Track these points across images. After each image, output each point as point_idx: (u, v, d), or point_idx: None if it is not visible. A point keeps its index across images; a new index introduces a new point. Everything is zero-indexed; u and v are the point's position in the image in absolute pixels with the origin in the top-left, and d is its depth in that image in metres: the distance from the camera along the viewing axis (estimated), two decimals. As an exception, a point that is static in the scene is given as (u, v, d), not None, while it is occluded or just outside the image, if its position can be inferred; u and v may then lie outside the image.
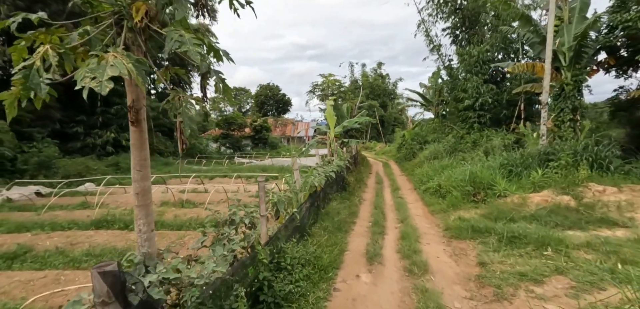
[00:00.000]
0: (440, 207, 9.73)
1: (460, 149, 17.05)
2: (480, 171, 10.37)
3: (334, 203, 9.40)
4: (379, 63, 64.08)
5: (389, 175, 19.63)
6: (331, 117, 14.13)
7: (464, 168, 11.90)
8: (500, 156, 11.91)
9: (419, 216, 9.53)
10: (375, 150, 44.01)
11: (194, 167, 24.50)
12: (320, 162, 12.48)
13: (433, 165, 15.64)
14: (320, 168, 9.06)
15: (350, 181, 13.29)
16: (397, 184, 15.83)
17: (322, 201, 8.95)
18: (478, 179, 9.89)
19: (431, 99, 28.36)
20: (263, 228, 4.25)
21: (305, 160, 23.50)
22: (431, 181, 12.75)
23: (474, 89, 18.23)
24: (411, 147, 24.15)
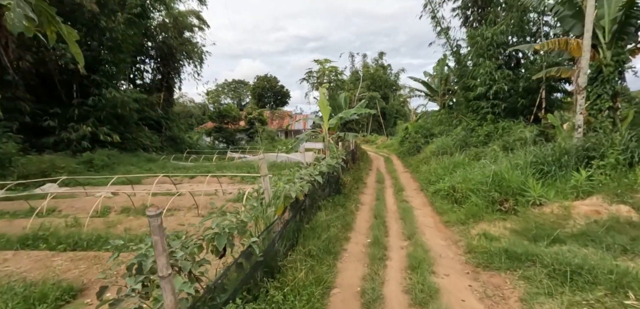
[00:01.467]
0: (457, 217, 7.81)
1: (472, 143, 15.09)
2: (507, 171, 8.41)
3: (323, 214, 7.50)
4: (380, 53, 62.08)
5: (391, 172, 17.71)
6: (324, 107, 12.21)
7: (484, 167, 9.94)
8: (527, 152, 9.93)
9: (429, 228, 7.62)
10: (376, 143, 42.03)
11: (181, 164, 22.64)
12: (316, 159, 10.62)
13: (442, 161, 13.70)
14: (305, 170, 7.14)
15: (347, 181, 11.39)
16: (401, 183, 13.92)
17: (307, 212, 7.06)
18: (505, 182, 7.94)
19: (437, 89, 26.32)
20: (167, 299, 2.32)
21: (298, 157, 21.61)
22: (441, 182, 10.84)
23: (487, 75, 16.22)
24: (415, 141, 22.17)
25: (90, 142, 20.71)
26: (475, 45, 17.23)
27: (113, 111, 21.23)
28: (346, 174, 12.62)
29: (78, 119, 21.13)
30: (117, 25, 20.80)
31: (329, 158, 8.91)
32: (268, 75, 63.75)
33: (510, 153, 12.16)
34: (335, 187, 10.38)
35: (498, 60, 16.75)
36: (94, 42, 21.03)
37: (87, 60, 22.33)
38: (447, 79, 25.59)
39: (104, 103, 20.86)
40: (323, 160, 8.75)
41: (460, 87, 19.80)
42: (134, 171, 17.37)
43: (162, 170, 18.49)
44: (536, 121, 14.96)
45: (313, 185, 6.92)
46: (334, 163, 8.84)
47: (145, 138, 24.67)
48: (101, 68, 21.39)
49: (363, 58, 61.46)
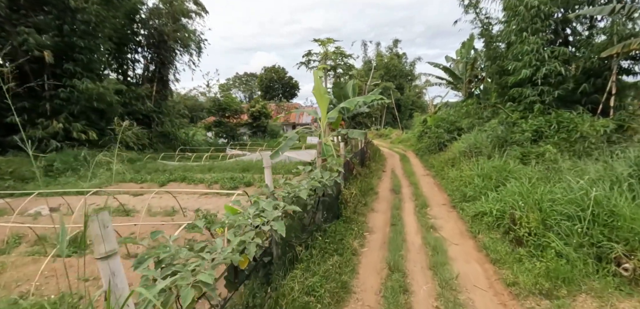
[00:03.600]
0: (532, 278, 4.52)
1: (515, 141, 11.66)
2: (609, 198, 5.07)
3: (299, 272, 4.42)
4: (395, 40, 58.33)
5: (409, 175, 14.47)
6: (321, 97, 9.11)
7: (559, 182, 6.62)
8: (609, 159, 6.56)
9: (484, 295, 4.44)
10: (390, 138, 38.61)
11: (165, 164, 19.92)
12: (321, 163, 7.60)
13: (478, 165, 10.36)
14: (282, 196, 4.17)
15: (350, 196, 8.27)
16: (423, 194, 10.70)
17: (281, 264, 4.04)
18: (614, 218, 4.63)
19: (461, 75, 22.73)
20: None
21: (302, 155, 18.55)
22: (485, 200, 7.61)
23: (533, 54, 12.70)
24: (437, 136, 18.76)
25: (65, 139, 18.21)
26: (516, 18, 13.68)
27: (88, 104, 18.62)
28: (351, 184, 9.50)
29: (51, 114, 18.64)
30: (90, 5, 18.07)
31: (318, 171, 5.81)
32: (276, 66, 60.79)
33: (580, 159, 8.80)
34: (333, 209, 7.29)
35: (546, 35, 13.19)
36: (66, 26, 18.38)
37: (59, 46, 19.90)
38: (474, 64, 21.97)
39: (77, 95, 18.26)
40: (311, 172, 5.67)
41: (493, 71, 16.26)
42: (102, 175, 14.68)
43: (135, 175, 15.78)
44: (603, 113, 11.44)
45: (295, 216, 3.93)
46: (327, 180, 5.74)
47: (131, 135, 22.04)
48: (74, 56, 18.77)
49: (376, 46, 57.86)
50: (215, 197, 10.69)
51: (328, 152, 7.82)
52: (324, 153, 7.77)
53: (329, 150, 7.84)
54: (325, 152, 7.77)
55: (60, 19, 18.54)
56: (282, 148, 8.66)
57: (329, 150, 7.83)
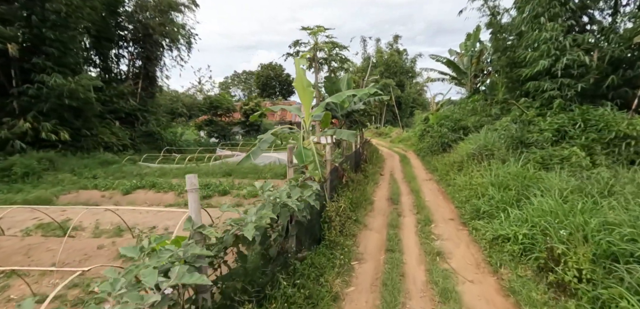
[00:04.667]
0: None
1: (533, 142, 10.05)
2: None
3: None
4: (395, 36, 56.40)
5: (409, 179, 12.88)
6: (303, 90, 7.51)
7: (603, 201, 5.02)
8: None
9: None
10: (390, 136, 37.03)
11: (151, 166, 18.38)
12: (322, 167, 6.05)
13: (490, 172, 8.76)
14: None
15: (337, 211, 6.70)
16: (426, 205, 9.11)
17: None
18: None
19: (465, 69, 21.10)
20: None
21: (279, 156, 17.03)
22: (506, 220, 6.03)
23: (552, 43, 11.10)
24: (440, 136, 17.16)
25: (34, 141, 16.66)
26: (530, 2, 12.07)
27: (59, 102, 17.04)
28: (340, 194, 7.93)
29: (19, 113, 17.10)
30: (60, -6, 16.51)
31: (284, 189, 4.22)
32: (273, 63, 59.21)
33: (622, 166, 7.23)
34: (313, 232, 5.72)
35: (565, 21, 11.56)
36: (34, 17, 16.79)
37: (27, 39, 18.39)
38: (479, 57, 20.33)
39: (46, 92, 16.69)
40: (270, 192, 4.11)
41: (503, 64, 14.62)
42: (65, 181, 13.11)
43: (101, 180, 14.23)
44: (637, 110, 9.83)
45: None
46: (297, 200, 4.15)
47: (110, 135, 20.49)
48: (45, 49, 17.19)
49: (376, 42, 56.18)
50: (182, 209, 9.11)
51: (308, 158, 6.23)
52: (303, 159, 6.20)
53: (309, 156, 6.25)
54: (303, 158, 6.18)
55: (28, 8, 16.96)
56: (254, 153, 7.08)
57: (309, 156, 6.24)
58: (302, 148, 6.36)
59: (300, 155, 6.29)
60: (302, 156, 6.28)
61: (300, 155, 6.28)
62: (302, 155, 6.28)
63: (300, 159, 6.27)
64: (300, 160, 6.26)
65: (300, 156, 6.27)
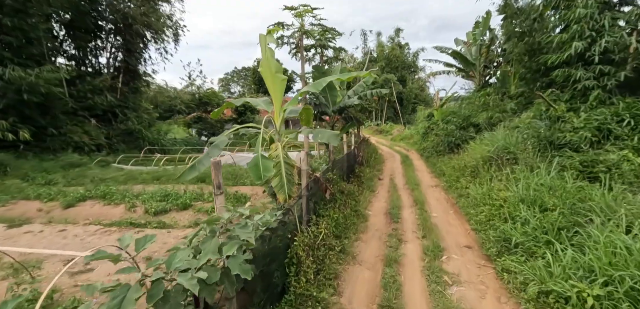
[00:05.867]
0: None
1: (566, 143, 8.07)
2: None
3: None
4: (397, 29, 54.19)
5: (412, 186, 10.94)
6: (272, 77, 5.58)
7: None
8: None
9: None
10: (391, 134, 34.99)
11: (126, 168, 16.51)
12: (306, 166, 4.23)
13: (520, 183, 6.81)
14: None
15: (310, 246, 4.80)
16: (434, 223, 7.17)
17: None
18: None
19: (474, 60, 19.07)
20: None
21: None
22: (563, 272, 4.06)
23: (587, 22, 9.12)
24: (447, 134, 15.19)
25: None
26: (557, -26, 10.10)
27: (19, 97, 15.15)
28: (322, 217, 6.02)
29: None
30: (15, -25, 14.59)
31: (189, 237, 2.34)
32: (270, 58, 56.93)
33: None
34: (271, 284, 3.81)
35: (600, 0, 9.55)
36: (-11, 2, 14.91)
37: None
38: (489, 46, 18.32)
39: (3, 86, 14.80)
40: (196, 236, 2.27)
41: (520, 51, 12.62)
42: (11, 188, 11.22)
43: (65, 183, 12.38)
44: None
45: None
46: (214, 262, 2.27)
47: (82, 134, 18.60)
48: (1, 38, 15.30)
49: (377, 36, 54.07)
50: (129, 228, 7.20)
51: (267, 170, 4.31)
52: (261, 173, 4.27)
53: (268, 168, 4.32)
54: (261, 171, 4.25)
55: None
56: (200, 161, 5.15)
57: (268, 168, 4.32)
58: (261, 157, 4.42)
59: (256, 167, 4.35)
60: (260, 168, 4.34)
61: (256, 167, 4.34)
62: (259, 167, 4.35)
63: (257, 172, 4.33)
64: (257, 174, 4.32)
65: (256, 169, 4.34)
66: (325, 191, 6.42)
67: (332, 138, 5.32)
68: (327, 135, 5.44)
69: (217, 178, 2.93)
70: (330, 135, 5.42)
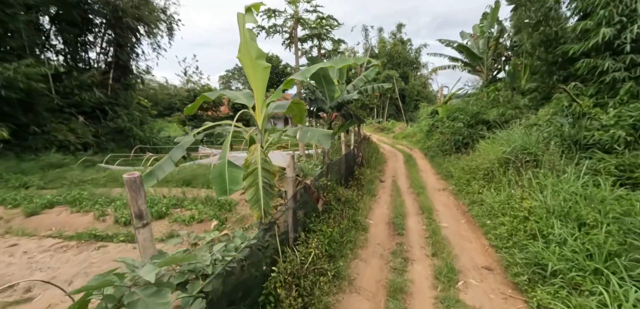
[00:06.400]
0: None
1: (596, 144, 7.05)
2: None
3: None
4: (398, 25, 53.11)
5: (417, 189, 9.91)
6: (252, 65, 4.61)
7: None
8: None
9: None
10: (393, 131, 33.93)
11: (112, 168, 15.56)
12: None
13: (547, 192, 5.80)
14: None
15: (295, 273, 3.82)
16: (444, 237, 6.16)
17: None
18: None
19: (481, 54, 18.00)
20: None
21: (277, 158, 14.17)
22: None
23: (616, 6, 8.09)
24: (453, 132, 14.18)
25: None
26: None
27: (-5, 93, 14.20)
28: (313, 233, 5.04)
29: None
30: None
31: None
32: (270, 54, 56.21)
33: None
34: None
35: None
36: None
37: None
38: (498, 39, 17.25)
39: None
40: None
41: (535, 41, 11.56)
42: None
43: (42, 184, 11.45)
44: None
45: None
46: None
47: (67, 132, 17.66)
48: None
49: (379, 32, 53.00)
50: (90, 243, 6.22)
51: (237, 181, 3.31)
52: (226, 186, 3.27)
53: (236, 180, 3.32)
54: (226, 183, 3.25)
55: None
56: (161, 167, 4.17)
57: (235, 179, 3.32)
58: (227, 165, 3.42)
59: (220, 178, 3.35)
60: (224, 179, 3.34)
61: (220, 178, 3.34)
62: (223, 178, 3.35)
63: (220, 185, 3.33)
64: (220, 187, 3.32)
65: (220, 181, 3.34)
66: (318, 201, 5.42)
67: (323, 139, 4.32)
68: (317, 135, 4.44)
69: (137, 204, 1.93)
70: (322, 135, 4.41)
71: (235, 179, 3.37)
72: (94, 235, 6.45)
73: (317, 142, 4.34)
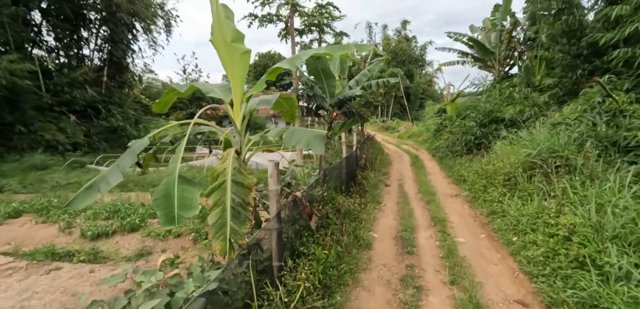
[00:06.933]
0: None
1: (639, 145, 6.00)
2: None
3: None
4: (403, 22, 51.88)
5: (427, 196, 8.90)
6: (228, 50, 3.70)
7: None
8: None
9: None
10: (398, 131, 32.82)
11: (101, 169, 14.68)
12: None
13: (591, 206, 4.79)
14: None
15: None
16: (463, 257, 5.15)
17: None
18: None
19: (493, 48, 16.89)
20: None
21: (269, 158, 13.39)
22: None
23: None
24: (465, 132, 13.15)
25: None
26: None
27: (-23, 91, 13.41)
28: (304, 259, 4.07)
29: None
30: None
31: None
32: (272, 52, 55.36)
33: None
34: None
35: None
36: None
37: None
38: (511, 32, 16.16)
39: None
40: None
41: (556, 32, 10.47)
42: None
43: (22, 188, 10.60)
44: None
45: None
46: None
47: (56, 131, 16.84)
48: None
49: (383, 29, 51.88)
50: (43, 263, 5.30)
51: (186, 207, 2.37)
52: (174, 210, 2.34)
53: (189, 203, 2.39)
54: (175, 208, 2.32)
55: None
56: (105, 179, 3.25)
57: (188, 203, 2.39)
58: (177, 181, 2.46)
59: (166, 199, 2.39)
60: (172, 201, 2.38)
61: (166, 201, 2.39)
62: (171, 199, 2.39)
63: (166, 211, 2.37)
64: (166, 213, 2.37)
65: (165, 204, 2.38)
66: (311, 217, 4.44)
67: (315, 142, 3.34)
68: (307, 138, 3.46)
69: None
70: (313, 137, 3.43)
71: (188, 201, 2.41)
72: (51, 252, 5.52)
73: (306, 146, 3.36)
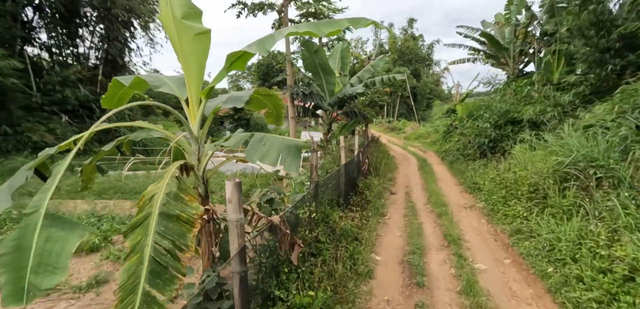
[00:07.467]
0: None
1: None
2: None
3: None
4: (410, 20, 50.64)
5: (437, 207, 7.84)
6: (179, 29, 2.78)
7: None
8: None
9: None
10: (405, 132, 31.66)
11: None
12: None
13: None
14: None
15: None
16: (486, 293, 4.10)
17: None
18: None
19: (507, 44, 15.72)
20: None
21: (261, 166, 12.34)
22: None
23: None
24: (478, 134, 12.04)
25: None
26: None
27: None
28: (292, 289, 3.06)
29: None
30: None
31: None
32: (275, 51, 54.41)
33: None
34: None
35: None
36: None
37: None
38: (527, 26, 14.99)
39: None
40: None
41: (583, 24, 9.33)
42: None
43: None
44: None
45: None
46: None
47: (45, 133, 16.09)
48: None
49: (389, 27, 50.66)
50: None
51: (50, 262, 1.44)
52: (30, 279, 1.43)
53: (57, 253, 1.44)
54: (27, 275, 1.40)
55: None
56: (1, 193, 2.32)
57: (55, 253, 1.43)
58: (41, 225, 1.50)
59: (18, 253, 1.42)
60: (26, 259, 1.40)
61: (16, 257, 1.42)
62: (24, 256, 1.41)
63: (12, 273, 1.40)
64: (12, 278, 1.40)
65: (15, 261, 1.41)
66: (292, 248, 3.43)
67: (289, 158, 2.34)
68: (276, 149, 2.45)
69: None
70: (286, 149, 2.43)
71: (52, 259, 1.44)
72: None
73: (277, 161, 2.36)
